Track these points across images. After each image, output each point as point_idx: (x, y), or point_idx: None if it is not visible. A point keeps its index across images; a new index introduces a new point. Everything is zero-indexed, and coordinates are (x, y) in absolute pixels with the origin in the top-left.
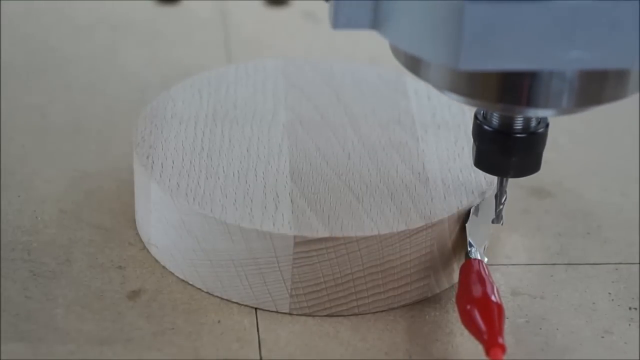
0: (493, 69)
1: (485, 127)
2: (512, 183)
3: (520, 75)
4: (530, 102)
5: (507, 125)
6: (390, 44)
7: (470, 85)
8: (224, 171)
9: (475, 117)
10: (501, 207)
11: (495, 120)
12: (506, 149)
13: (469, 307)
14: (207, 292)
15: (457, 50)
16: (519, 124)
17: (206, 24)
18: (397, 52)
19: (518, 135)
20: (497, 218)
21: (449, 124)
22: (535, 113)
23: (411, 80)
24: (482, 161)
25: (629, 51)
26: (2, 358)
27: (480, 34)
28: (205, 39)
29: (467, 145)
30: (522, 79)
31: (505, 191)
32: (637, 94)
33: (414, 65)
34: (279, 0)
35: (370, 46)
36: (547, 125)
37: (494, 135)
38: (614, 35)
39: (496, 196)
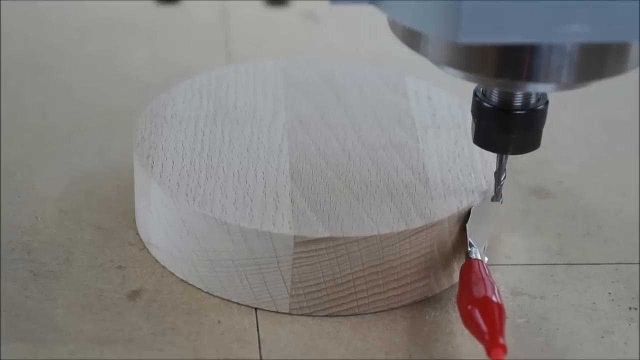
0: (492, 42)
1: (485, 104)
2: (512, 183)
3: (520, 49)
4: (530, 77)
5: (506, 102)
6: (388, 19)
7: (469, 59)
8: (224, 171)
9: (475, 94)
10: (501, 185)
11: (494, 97)
12: (506, 126)
13: (469, 307)
14: (207, 292)
15: (456, 23)
16: (518, 100)
17: (206, 24)
18: (395, 26)
19: (517, 112)
20: (497, 196)
21: (449, 124)
22: (534, 88)
23: (411, 80)
24: (482, 138)
25: (629, 24)
26: (2, 358)
27: (479, 6)
28: (205, 39)
29: (467, 145)
30: (521, 53)
31: (505, 169)
32: (638, 69)
33: (412, 39)
34: (279, 0)
35: (370, 46)
36: (546, 102)
37: (493, 112)
38: (613, 8)
39: (496, 174)
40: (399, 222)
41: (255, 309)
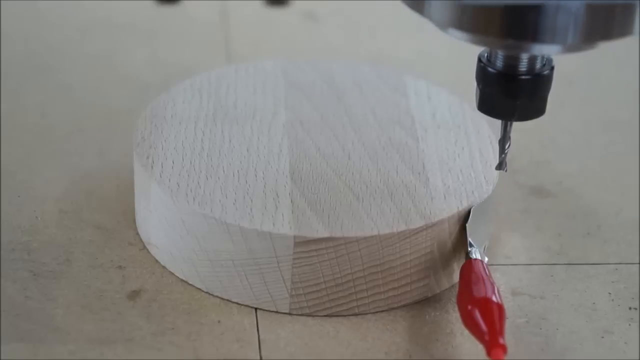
0: (497, 1)
1: (490, 69)
2: (512, 183)
3: (526, 8)
4: (536, 37)
5: (511, 66)
6: None
7: (474, 20)
8: (224, 171)
9: (479, 60)
10: (505, 153)
11: (499, 61)
12: (511, 91)
13: (469, 307)
14: (207, 292)
15: None
16: (523, 65)
17: (206, 24)
18: None
19: (523, 77)
20: (501, 165)
21: (449, 124)
22: (540, 50)
23: (411, 80)
24: (486, 104)
25: None
26: (2, 358)
27: None
28: (205, 39)
29: (467, 145)
30: (527, 13)
31: (509, 137)
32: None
33: (417, 2)
34: (279, 0)
35: (370, 46)
36: (552, 68)
37: (498, 78)
38: None
39: (500, 142)
40: (399, 222)
41: (255, 309)
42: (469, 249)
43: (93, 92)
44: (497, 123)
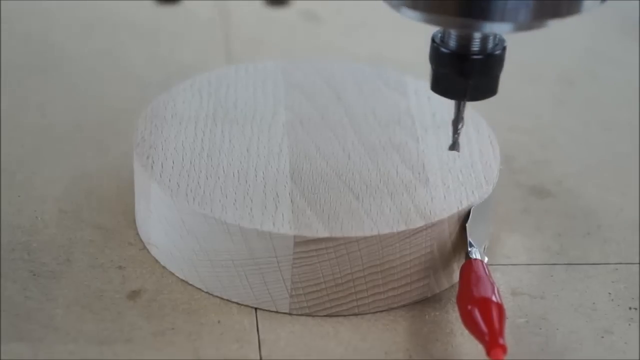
0: None
1: (443, 49)
2: (512, 183)
3: None
4: (487, 16)
5: (464, 46)
6: None
7: (428, 0)
8: (224, 171)
9: (433, 41)
10: (458, 134)
11: (452, 42)
12: (463, 71)
13: (469, 307)
14: (207, 292)
15: None
16: (476, 45)
17: (206, 24)
18: None
19: (475, 56)
20: (454, 145)
21: (449, 124)
22: (491, 28)
23: (411, 80)
24: (439, 85)
25: None
26: (2, 358)
27: None
28: (205, 39)
29: (467, 145)
30: None
31: (462, 117)
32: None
33: None
34: (279, 0)
35: (370, 46)
36: (504, 48)
37: (451, 58)
38: None
39: (453, 122)
40: (399, 222)
41: (255, 309)
42: (469, 249)
43: (93, 91)
44: (498, 123)
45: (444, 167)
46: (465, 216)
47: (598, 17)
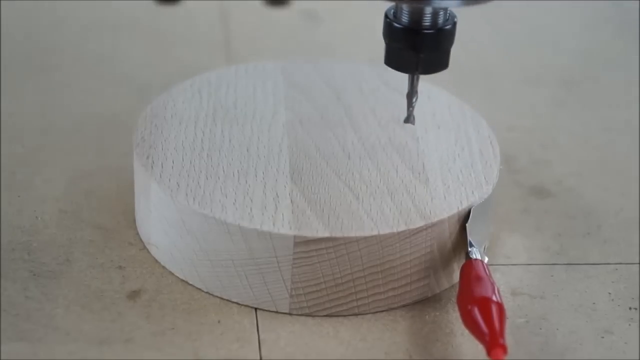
0: None
1: (395, 24)
2: (512, 183)
3: None
4: None
5: (416, 22)
6: None
7: None
8: (224, 171)
9: (386, 16)
10: (412, 107)
11: (404, 17)
12: (415, 45)
13: (470, 307)
14: (207, 292)
15: None
16: (427, 20)
17: (206, 24)
18: None
19: (426, 31)
20: (408, 118)
21: (449, 124)
22: (440, 4)
23: None
24: (392, 59)
25: None
26: (2, 358)
27: None
28: (205, 39)
29: (467, 145)
30: None
31: (417, 91)
32: None
33: None
34: (279, 0)
35: (370, 46)
36: (454, 24)
37: (403, 33)
38: None
39: (408, 95)
40: (399, 222)
41: (255, 309)
42: (469, 249)
43: (93, 91)
44: (497, 123)
45: (444, 167)
46: (465, 216)
47: (598, 17)
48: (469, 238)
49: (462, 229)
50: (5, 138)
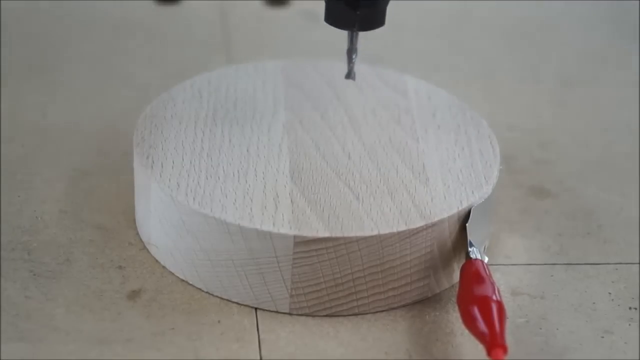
0: None
1: None
2: (511, 183)
3: None
4: None
5: None
6: None
7: None
8: (224, 171)
9: None
10: (352, 63)
11: None
12: (352, 2)
13: (470, 307)
14: (207, 292)
15: None
16: None
17: (206, 24)
18: None
19: None
20: (349, 74)
21: (449, 124)
22: None
23: (411, 80)
24: (331, 16)
25: None
26: (2, 358)
27: None
28: (205, 39)
29: (467, 145)
30: None
31: (356, 48)
32: None
33: None
34: (279, 0)
35: (370, 46)
36: None
37: None
38: None
39: (348, 52)
40: (399, 222)
41: (255, 309)
42: (469, 249)
43: (93, 91)
44: (498, 123)
45: (444, 167)
46: (466, 216)
47: (598, 17)
48: (469, 238)
49: (462, 229)
50: (5, 138)
